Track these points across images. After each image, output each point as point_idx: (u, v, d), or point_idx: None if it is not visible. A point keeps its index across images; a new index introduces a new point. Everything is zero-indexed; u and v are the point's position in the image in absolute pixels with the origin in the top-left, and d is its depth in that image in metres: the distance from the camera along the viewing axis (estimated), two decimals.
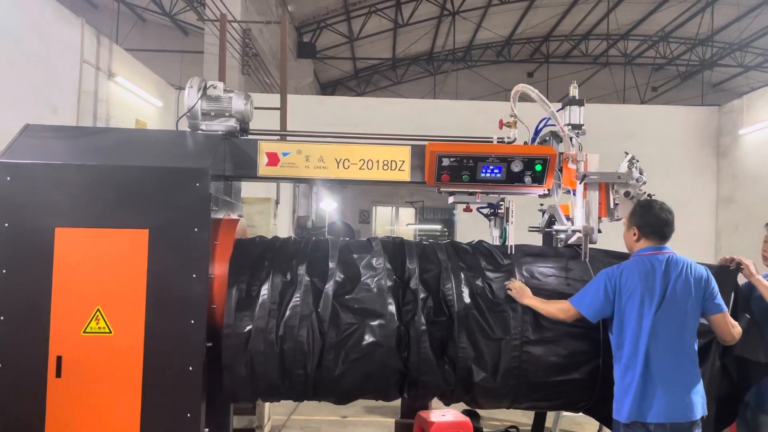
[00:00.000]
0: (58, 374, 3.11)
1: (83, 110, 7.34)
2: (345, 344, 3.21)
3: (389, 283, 3.30)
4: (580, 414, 6.05)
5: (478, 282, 3.36)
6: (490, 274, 3.40)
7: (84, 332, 3.14)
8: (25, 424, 3.10)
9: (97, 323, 3.15)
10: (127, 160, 3.30)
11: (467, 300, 3.28)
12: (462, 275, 3.36)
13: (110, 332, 3.15)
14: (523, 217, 3.88)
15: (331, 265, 3.34)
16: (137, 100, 8.93)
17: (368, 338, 3.20)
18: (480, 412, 6.28)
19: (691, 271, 3.08)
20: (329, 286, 3.27)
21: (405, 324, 3.25)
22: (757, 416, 3.46)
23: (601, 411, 3.36)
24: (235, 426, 5.38)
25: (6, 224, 3.12)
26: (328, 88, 21.38)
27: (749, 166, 8.89)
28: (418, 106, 10.89)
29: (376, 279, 3.31)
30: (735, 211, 9.05)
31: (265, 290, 3.24)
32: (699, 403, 3.01)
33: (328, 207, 18.77)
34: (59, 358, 3.11)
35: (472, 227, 5.11)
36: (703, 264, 3.22)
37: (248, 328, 3.20)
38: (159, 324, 3.17)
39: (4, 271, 3.11)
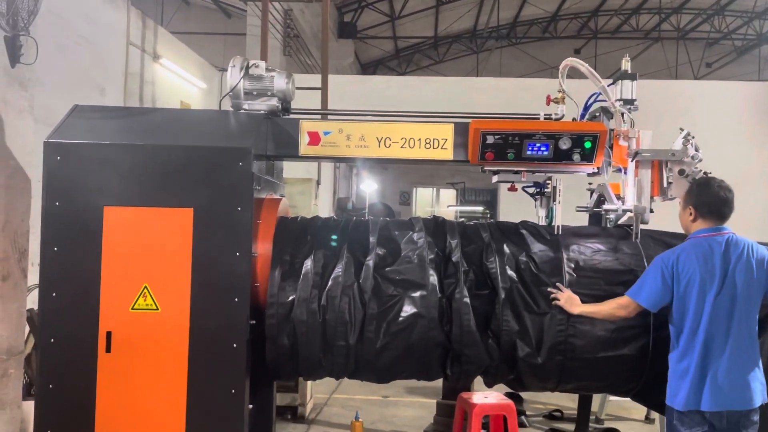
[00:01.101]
0: (108, 349, 3.19)
1: (129, 92, 7.49)
2: (386, 316, 3.21)
3: (431, 256, 3.30)
4: (627, 399, 5.97)
5: (522, 257, 3.31)
6: (534, 249, 3.34)
7: (132, 309, 3.20)
8: (77, 398, 3.19)
9: (145, 300, 3.21)
10: (172, 139, 3.33)
11: (511, 273, 3.25)
12: (505, 249, 3.32)
13: (157, 309, 3.21)
14: (571, 198, 3.77)
15: (371, 239, 3.36)
16: (182, 81, 9.05)
17: (410, 309, 3.20)
18: (523, 395, 6.20)
19: (753, 253, 2.92)
20: (370, 259, 3.29)
21: (447, 296, 3.23)
22: None
23: (651, 395, 3.25)
24: (278, 403, 5.46)
25: (57, 203, 3.19)
26: (368, 68, 21.26)
27: None
28: (461, 84, 10.72)
29: (417, 252, 3.32)
30: None
31: (308, 263, 3.28)
32: (759, 390, 2.88)
33: (369, 188, 18.79)
34: (109, 334, 3.19)
35: (516, 208, 5.00)
36: (765, 244, 3.05)
37: (291, 297, 3.24)
38: (204, 301, 3.21)
39: (55, 248, 3.19)
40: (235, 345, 3.21)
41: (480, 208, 18.87)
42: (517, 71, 18.00)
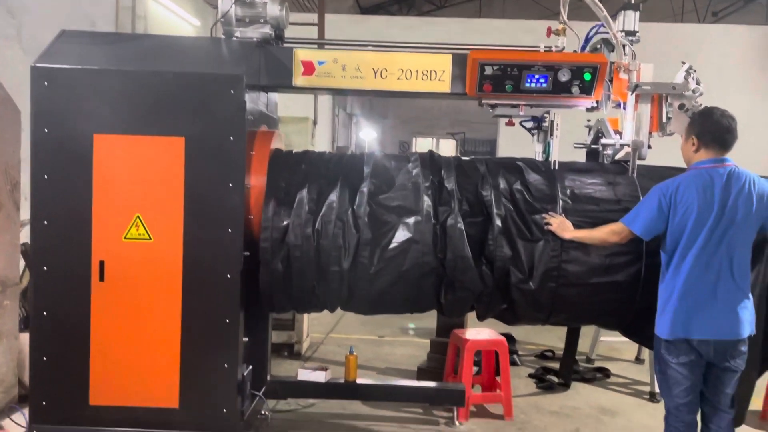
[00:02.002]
0: (102, 278, 3.19)
1: (121, 26, 7.32)
2: (380, 241, 3.22)
3: (426, 183, 3.30)
4: (618, 339, 6.06)
5: (517, 186, 3.31)
6: (530, 178, 3.35)
7: (125, 238, 3.19)
8: (71, 326, 3.21)
9: (137, 230, 3.20)
10: (162, 66, 3.25)
11: (505, 201, 3.26)
12: (501, 179, 3.33)
13: (150, 239, 3.20)
14: (569, 135, 3.73)
15: (366, 170, 3.36)
16: (174, 18, 8.82)
17: (403, 235, 3.21)
18: (515, 336, 6.30)
19: (754, 186, 2.89)
20: (365, 186, 3.29)
21: (441, 223, 3.23)
22: None
23: (642, 329, 3.27)
24: (275, 341, 5.53)
25: (45, 130, 3.14)
26: (368, 12, 20.72)
27: None
28: (462, 25, 10.45)
29: (411, 180, 3.32)
30: None
31: (302, 191, 3.28)
32: (747, 321, 2.89)
33: (368, 137, 18.66)
34: (102, 263, 3.19)
35: (513, 143, 4.95)
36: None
37: (285, 222, 3.25)
38: (197, 232, 3.20)
39: (45, 176, 3.16)
40: (228, 275, 3.22)
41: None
42: (521, 18, 17.53)
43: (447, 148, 20.87)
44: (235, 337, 3.27)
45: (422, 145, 20.98)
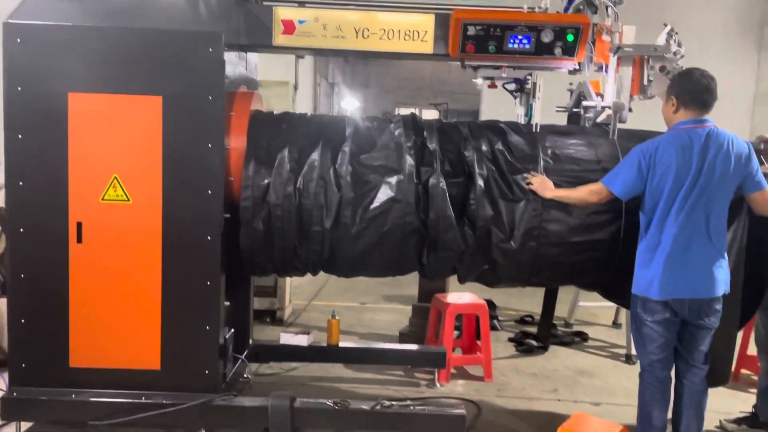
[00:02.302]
0: (79, 240, 3.15)
1: None
2: (362, 201, 3.22)
3: (408, 144, 3.29)
4: (596, 304, 6.16)
5: (499, 146, 3.33)
6: (512, 139, 3.36)
7: (102, 199, 3.15)
8: (50, 289, 3.18)
9: (115, 191, 3.16)
10: (138, 23, 3.17)
11: (487, 162, 3.27)
12: (482, 140, 3.34)
13: (128, 200, 3.16)
14: (551, 100, 3.73)
15: (348, 130, 3.35)
16: None
17: (386, 194, 3.21)
18: (496, 301, 6.38)
19: (733, 146, 2.92)
20: (347, 146, 3.28)
21: (423, 183, 3.23)
22: None
23: (621, 288, 3.31)
24: (256, 307, 5.54)
25: (19, 88, 3.06)
26: None
27: None
28: None
29: (394, 140, 3.31)
30: None
31: (284, 150, 3.25)
32: (722, 280, 2.95)
33: (350, 106, 18.49)
34: (79, 224, 3.15)
35: (495, 106, 4.94)
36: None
37: (266, 181, 3.23)
38: (176, 193, 3.17)
39: (19, 136, 3.09)
40: (209, 237, 3.19)
41: None
42: None
43: (430, 118, 20.81)
44: (216, 299, 3.26)
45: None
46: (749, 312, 3.42)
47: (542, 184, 3.20)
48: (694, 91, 2.97)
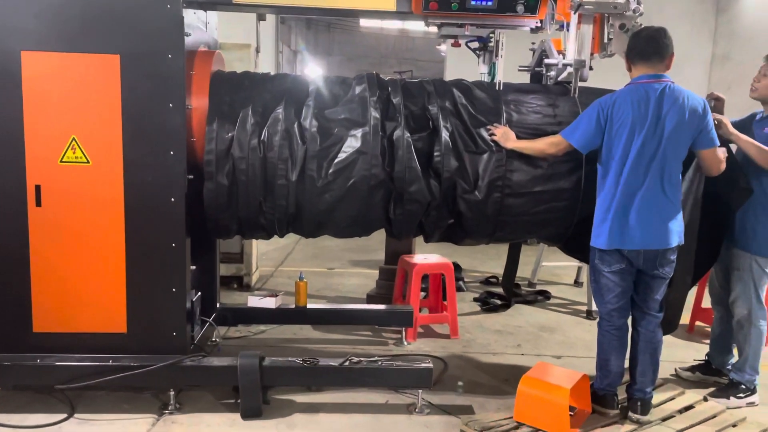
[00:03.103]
0: (38, 203, 3.09)
1: None
2: (328, 153, 3.22)
3: (373, 98, 3.29)
4: (558, 263, 6.31)
5: (463, 101, 3.36)
6: (476, 94, 3.41)
7: (61, 161, 3.09)
8: (9, 253, 3.13)
9: (74, 152, 3.09)
10: None
11: (451, 116, 3.30)
12: (446, 95, 3.36)
13: (88, 162, 3.10)
14: (514, 59, 3.75)
15: (311, 87, 3.34)
16: None
17: (351, 147, 3.21)
18: (461, 264, 6.48)
19: (687, 102, 3.00)
20: (311, 100, 3.28)
21: (388, 136, 3.24)
22: (729, 249, 3.56)
23: (582, 243, 3.39)
24: (223, 273, 5.52)
25: None
26: None
27: (748, 22, 8.56)
28: None
29: (358, 95, 3.32)
30: (729, 69, 8.82)
31: (248, 106, 3.22)
32: (676, 231, 3.06)
33: (313, 74, 18.22)
34: (38, 187, 3.08)
35: (460, 68, 4.94)
36: None
37: (230, 134, 3.19)
38: (138, 155, 3.12)
39: None
40: (172, 199, 3.16)
41: None
42: None
43: None
44: (182, 261, 3.24)
45: None
46: (705, 266, 3.56)
47: (504, 135, 3.25)
48: (643, 44, 3.06)
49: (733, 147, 3.49)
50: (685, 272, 3.24)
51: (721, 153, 3.11)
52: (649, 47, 3.04)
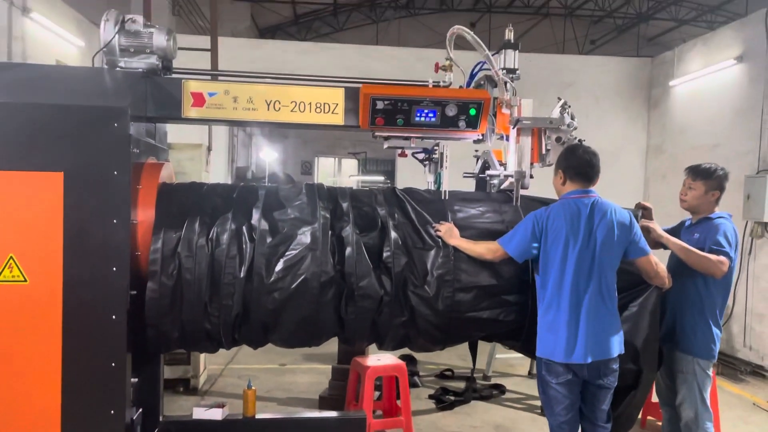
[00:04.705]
0: None
1: None
2: (277, 251, 3.17)
3: (321, 203, 3.35)
4: (512, 355, 6.31)
5: (411, 202, 3.45)
6: (423, 197, 3.53)
7: None
8: None
9: (11, 271, 2.98)
10: (40, 97, 3.07)
11: (399, 216, 3.37)
12: (393, 199, 3.46)
13: (25, 281, 2.99)
14: (459, 165, 3.90)
15: (261, 192, 3.40)
16: (56, 38, 8.31)
17: (302, 243, 3.18)
18: (416, 356, 6.42)
19: (615, 215, 3.16)
20: (259, 204, 3.30)
21: (338, 235, 3.26)
22: (672, 352, 3.64)
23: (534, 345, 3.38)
24: (170, 376, 5.32)
25: None
26: (266, 34, 20.59)
27: (678, 116, 9.15)
28: (359, 51, 10.59)
29: (307, 197, 3.38)
30: (663, 160, 9.33)
31: (196, 210, 3.23)
32: (617, 341, 3.13)
33: (269, 157, 18.39)
34: None
35: (411, 175, 5.09)
36: (628, 209, 3.31)
37: (178, 234, 3.14)
38: (79, 272, 3.02)
39: None
40: (114, 317, 3.06)
41: (381, 178, 19.09)
42: (416, 43, 18.08)
43: (349, 167, 21.04)
44: (121, 380, 3.10)
45: (324, 164, 21.02)
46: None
47: (449, 231, 3.31)
48: (577, 166, 3.23)
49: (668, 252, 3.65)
50: (648, 369, 3.31)
51: (654, 258, 3.24)
52: (589, 170, 3.22)
